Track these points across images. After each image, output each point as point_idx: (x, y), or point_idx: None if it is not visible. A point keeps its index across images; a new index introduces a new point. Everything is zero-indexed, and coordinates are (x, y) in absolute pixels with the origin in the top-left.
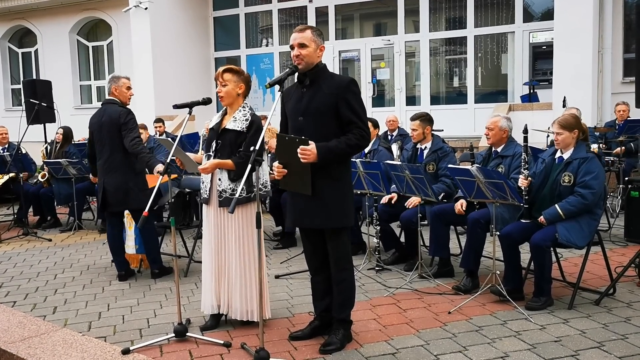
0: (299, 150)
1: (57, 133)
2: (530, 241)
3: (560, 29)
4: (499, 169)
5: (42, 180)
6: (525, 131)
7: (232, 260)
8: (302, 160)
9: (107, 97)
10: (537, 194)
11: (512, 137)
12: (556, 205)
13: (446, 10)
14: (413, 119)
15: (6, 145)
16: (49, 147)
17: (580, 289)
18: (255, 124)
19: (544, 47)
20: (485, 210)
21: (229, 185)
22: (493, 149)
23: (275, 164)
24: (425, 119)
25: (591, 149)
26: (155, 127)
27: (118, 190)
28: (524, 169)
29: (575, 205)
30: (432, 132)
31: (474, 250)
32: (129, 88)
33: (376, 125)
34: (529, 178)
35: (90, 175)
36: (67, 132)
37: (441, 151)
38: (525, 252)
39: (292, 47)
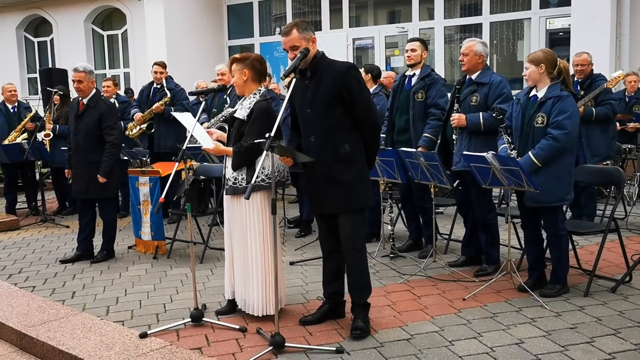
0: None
1: (54, 94)
2: (545, 229)
3: (577, 14)
4: (474, 97)
5: (45, 139)
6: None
7: (236, 250)
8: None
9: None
10: (517, 137)
11: (487, 65)
12: (529, 153)
13: None
14: (412, 40)
15: (16, 104)
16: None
17: (596, 277)
18: (255, 112)
19: (561, 34)
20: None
21: (232, 174)
22: (467, 76)
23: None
24: (425, 44)
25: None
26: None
27: None
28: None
29: (547, 149)
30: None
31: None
32: (72, 81)
33: (379, 75)
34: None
35: None
36: (67, 93)
37: (429, 78)
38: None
39: (285, 50)
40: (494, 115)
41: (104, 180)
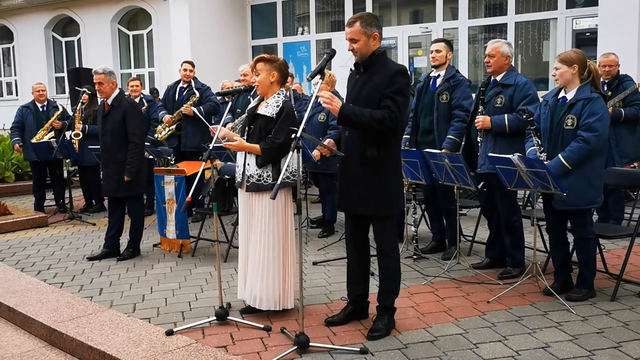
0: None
1: (83, 93)
2: (572, 232)
3: (604, 15)
4: (499, 99)
5: (75, 138)
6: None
7: (254, 247)
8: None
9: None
10: (545, 139)
11: (512, 66)
12: (559, 156)
13: None
14: (437, 41)
15: (45, 103)
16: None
17: (623, 281)
18: (285, 111)
19: (588, 34)
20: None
21: (256, 171)
22: (492, 78)
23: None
24: (450, 45)
25: None
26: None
27: None
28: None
29: (578, 151)
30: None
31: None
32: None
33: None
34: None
35: None
36: (95, 93)
37: (454, 80)
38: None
39: (347, 40)
40: (524, 117)
41: (129, 178)
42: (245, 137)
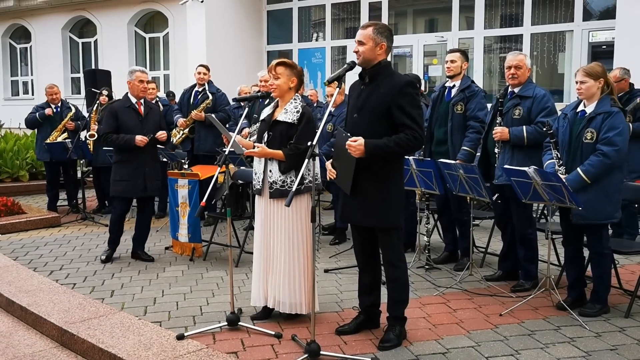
0: (347, 143)
1: (101, 95)
2: (588, 247)
3: (622, 28)
4: (517, 111)
5: (90, 139)
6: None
7: (279, 252)
8: (350, 153)
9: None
10: (564, 152)
11: (530, 78)
12: (578, 169)
13: (502, 7)
14: (452, 51)
15: (58, 104)
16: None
17: (637, 298)
18: (306, 116)
19: (604, 47)
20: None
21: (279, 177)
22: (510, 89)
23: (328, 163)
24: (465, 55)
25: None
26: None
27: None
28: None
29: (597, 165)
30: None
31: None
32: (141, 81)
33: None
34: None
35: None
36: (111, 94)
37: (469, 90)
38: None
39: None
40: (543, 129)
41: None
42: (264, 144)
